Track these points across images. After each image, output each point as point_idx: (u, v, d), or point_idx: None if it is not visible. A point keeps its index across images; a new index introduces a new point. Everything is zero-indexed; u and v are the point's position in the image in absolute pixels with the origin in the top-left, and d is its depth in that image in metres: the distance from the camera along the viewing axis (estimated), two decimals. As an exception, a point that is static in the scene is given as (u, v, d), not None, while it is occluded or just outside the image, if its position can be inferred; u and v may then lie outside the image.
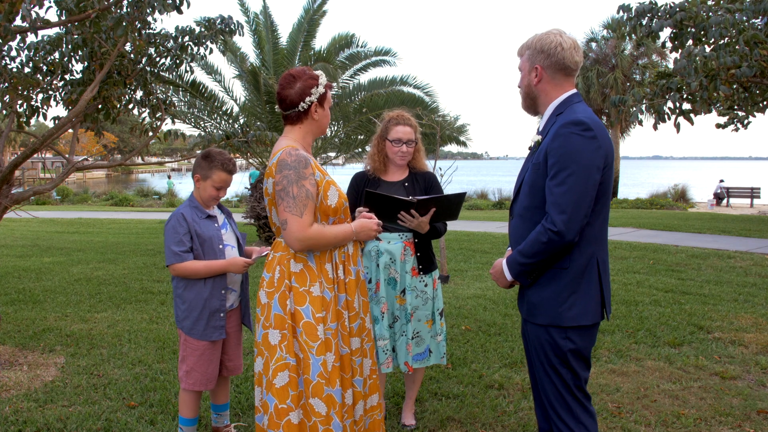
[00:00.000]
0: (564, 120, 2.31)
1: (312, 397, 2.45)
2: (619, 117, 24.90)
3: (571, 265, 2.32)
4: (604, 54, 29.69)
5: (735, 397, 3.95)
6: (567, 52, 2.39)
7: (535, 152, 2.44)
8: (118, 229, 14.28)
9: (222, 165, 3.12)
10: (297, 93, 2.54)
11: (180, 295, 3.12)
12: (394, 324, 3.45)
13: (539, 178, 2.35)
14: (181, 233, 3.05)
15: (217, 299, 3.11)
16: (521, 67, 2.51)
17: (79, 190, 30.43)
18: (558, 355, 2.37)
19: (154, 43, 4.99)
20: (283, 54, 12.00)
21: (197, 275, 3.06)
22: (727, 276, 7.93)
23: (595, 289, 2.34)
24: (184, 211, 3.12)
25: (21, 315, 5.97)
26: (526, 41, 2.49)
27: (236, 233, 3.31)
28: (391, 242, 3.42)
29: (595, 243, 2.35)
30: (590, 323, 2.35)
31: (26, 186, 7.97)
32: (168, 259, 3.05)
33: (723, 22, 6.01)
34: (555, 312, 2.34)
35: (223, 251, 3.15)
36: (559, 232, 2.22)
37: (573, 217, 2.22)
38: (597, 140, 2.26)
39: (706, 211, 22.25)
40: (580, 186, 2.22)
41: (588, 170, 2.23)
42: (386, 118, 3.57)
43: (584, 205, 2.24)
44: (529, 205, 2.40)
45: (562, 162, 2.24)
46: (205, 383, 3.15)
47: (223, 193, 3.19)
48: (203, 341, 3.11)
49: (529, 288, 2.42)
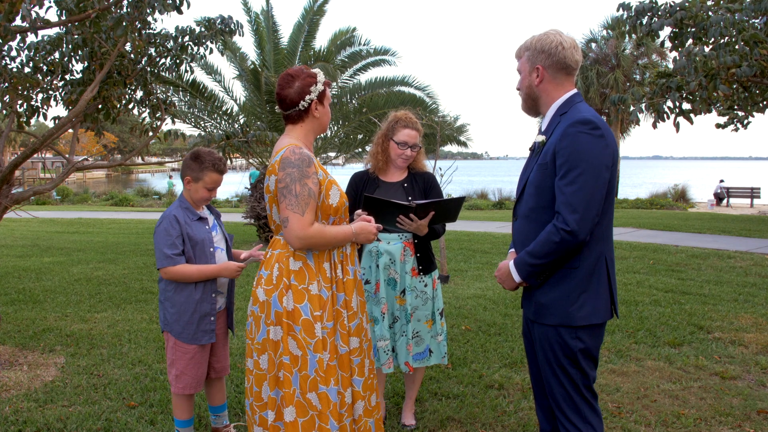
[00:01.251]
0: (571, 119, 2.30)
1: (309, 392, 2.46)
2: (618, 116, 24.91)
3: (581, 264, 2.32)
4: (604, 54, 29.67)
5: (735, 397, 3.95)
6: (567, 51, 2.39)
7: (539, 153, 2.43)
8: (118, 229, 14.28)
9: (213, 166, 3.08)
10: (296, 92, 2.55)
11: (169, 298, 3.08)
12: (394, 324, 3.45)
13: (546, 178, 2.34)
14: (173, 236, 3.00)
15: (208, 303, 3.09)
16: (521, 69, 2.50)
17: (79, 190, 30.42)
18: (568, 356, 2.36)
19: (154, 43, 4.99)
20: (284, 54, 12.00)
21: (189, 279, 3.03)
22: (727, 276, 7.93)
23: (604, 287, 2.34)
24: (176, 212, 3.06)
25: (21, 315, 5.97)
26: (525, 43, 2.49)
27: (225, 235, 3.27)
28: (390, 243, 3.42)
29: (602, 241, 2.35)
30: (601, 321, 2.35)
31: (26, 186, 7.97)
32: (160, 262, 3.00)
33: (723, 22, 6.01)
34: (565, 312, 2.33)
35: (214, 254, 3.12)
36: (572, 231, 2.22)
37: (585, 216, 2.22)
38: (605, 139, 2.27)
39: (706, 211, 22.26)
40: (591, 185, 2.23)
41: (598, 169, 2.24)
42: (393, 117, 3.52)
43: (595, 203, 2.24)
44: (535, 206, 2.40)
45: (572, 161, 2.24)
46: (195, 386, 3.13)
47: (214, 193, 3.17)
48: (193, 345, 3.09)
49: (537, 289, 2.41)
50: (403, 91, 12.35)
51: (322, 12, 12.17)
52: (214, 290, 3.11)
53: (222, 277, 3.09)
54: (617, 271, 8.29)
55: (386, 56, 12.60)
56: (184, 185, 3.14)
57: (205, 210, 3.23)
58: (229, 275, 3.07)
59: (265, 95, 11.43)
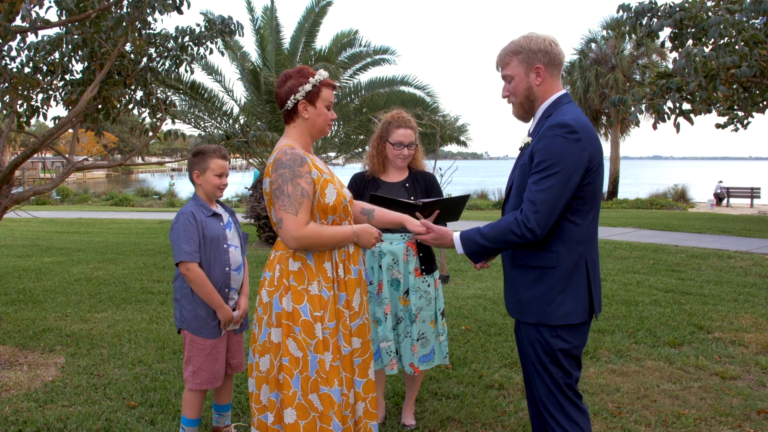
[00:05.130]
0: (552, 122, 2.34)
1: (311, 393, 2.45)
2: (618, 117, 24.92)
3: (558, 264, 2.35)
4: (604, 54, 29.66)
5: (735, 397, 3.95)
6: (558, 48, 2.44)
7: (524, 153, 2.48)
8: (118, 229, 14.28)
9: (216, 152, 3.17)
10: (285, 92, 2.55)
11: (186, 295, 3.12)
12: (398, 325, 3.45)
13: (525, 178, 2.39)
14: (191, 231, 3.06)
15: (223, 297, 3.15)
16: (512, 74, 2.46)
17: (79, 190, 30.40)
18: (548, 354, 2.40)
19: (154, 43, 4.99)
20: (285, 54, 12.00)
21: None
22: (727, 276, 7.93)
23: (583, 288, 2.38)
24: (192, 209, 3.13)
25: (21, 315, 5.97)
26: (508, 49, 2.46)
27: (239, 233, 3.32)
28: (393, 243, 3.42)
29: (584, 243, 2.38)
30: (578, 322, 2.38)
31: (26, 186, 7.96)
32: (178, 256, 3.02)
33: (723, 22, 6.01)
34: (543, 311, 2.37)
35: (228, 251, 3.16)
36: (532, 230, 2.29)
37: (545, 218, 2.28)
38: (581, 143, 2.29)
39: (706, 211, 22.26)
40: (558, 188, 2.27)
41: (568, 172, 2.27)
42: (385, 119, 3.56)
43: (559, 206, 2.29)
44: (518, 205, 2.44)
45: (545, 163, 2.29)
46: (212, 381, 3.16)
47: (225, 180, 3.20)
48: (211, 339, 3.13)
49: (519, 287, 2.46)
50: (404, 91, 12.35)
51: (324, 12, 12.18)
52: (228, 286, 3.16)
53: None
54: (617, 271, 8.30)
55: (386, 55, 12.61)
56: (195, 182, 3.20)
57: (219, 207, 3.27)
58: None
59: (265, 95, 11.43)
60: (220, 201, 3.32)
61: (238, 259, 3.22)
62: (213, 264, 3.11)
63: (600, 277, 2.51)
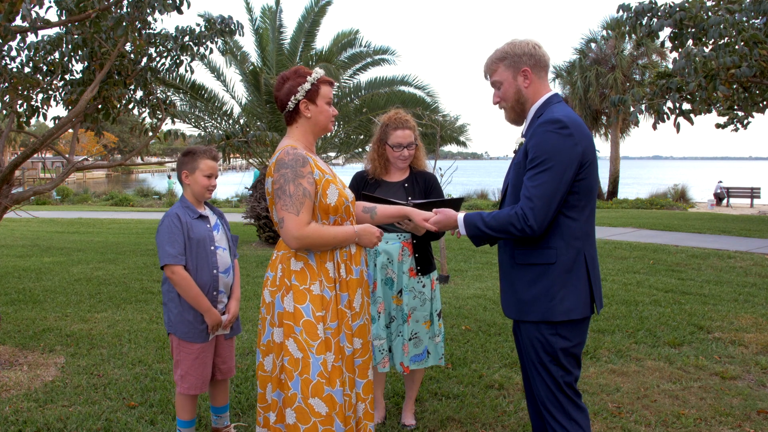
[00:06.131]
0: (542, 119, 2.39)
1: (312, 397, 2.43)
2: (618, 117, 24.91)
3: (558, 260, 2.38)
4: (604, 54, 29.65)
5: (735, 397, 3.95)
6: (542, 50, 2.50)
7: (518, 153, 2.52)
8: (118, 229, 14.28)
9: (206, 153, 3.16)
10: (285, 93, 2.56)
11: (173, 299, 3.09)
12: (391, 324, 3.45)
13: (521, 177, 2.43)
14: (175, 234, 3.02)
15: (211, 300, 3.11)
16: (501, 80, 2.52)
17: (79, 190, 30.40)
18: (549, 353, 2.42)
19: (154, 43, 4.99)
20: (285, 54, 12.00)
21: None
22: (727, 276, 7.93)
23: (584, 284, 2.41)
24: (177, 211, 3.09)
25: (21, 315, 5.97)
26: (493, 57, 2.53)
27: (228, 235, 3.28)
28: (389, 242, 3.42)
29: (582, 238, 2.41)
30: (580, 317, 2.41)
31: (26, 186, 7.97)
32: (163, 259, 3.00)
33: (723, 22, 6.01)
34: (546, 308, 2.39)
35: (215, 253, 3.13)
36: (531, 226, 2.33)
37: (542, 213, 2.32)
38: (573, 137, 2.33)
39: (706, 211, 22.25)
40: (554, 182, 2.31)
41: (562, 167, 2.31)
42: (383, 121, 3.55)
43: (555, 201, 2.32)
44: (514, 204, 2.46)
45: (538, 159, 2.33)
46: (200, 386, 3.13)
47: (214, 181, 3.18)
48: (197, 344, 3.09)
49: (520, 287, 2.47)
50: (404, 91, 12.34)
51: (324, 12, 12.17)
52: (216, 288, 3.12)
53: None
54: (617, 271, 8.30)
55: (386, 55, 12.60)
56: (183, 182, 3.17)
57: (207, 209, 3.24)
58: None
59: (265, 95, 11.43)
60: (208, 203, 3.29)
61: (226, 261, 3.18)
62: (200, 266, 3.07)
63: (599, 273, 2.54)
